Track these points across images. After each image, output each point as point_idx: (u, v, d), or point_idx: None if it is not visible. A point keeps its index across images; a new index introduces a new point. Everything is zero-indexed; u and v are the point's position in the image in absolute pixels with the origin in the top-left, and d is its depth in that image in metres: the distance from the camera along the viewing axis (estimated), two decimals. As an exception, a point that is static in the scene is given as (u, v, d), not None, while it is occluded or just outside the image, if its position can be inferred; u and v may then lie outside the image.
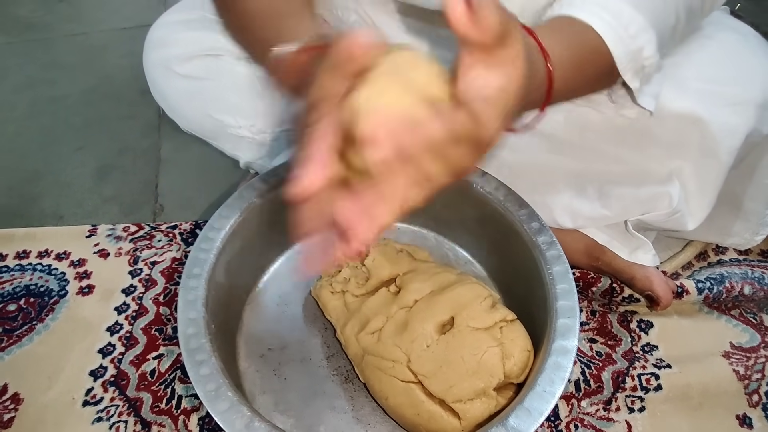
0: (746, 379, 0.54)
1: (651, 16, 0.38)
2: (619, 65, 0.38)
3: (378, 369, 0.46)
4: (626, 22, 0.37)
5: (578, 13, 0.37)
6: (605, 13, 0.37)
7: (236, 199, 0.52)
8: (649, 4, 0.39)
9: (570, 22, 0.37)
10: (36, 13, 1.28)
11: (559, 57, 0.35)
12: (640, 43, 0.38)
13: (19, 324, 0.60)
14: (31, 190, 0.80)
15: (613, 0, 0.37)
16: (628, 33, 0.37)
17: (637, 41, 0.38)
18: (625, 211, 0.54)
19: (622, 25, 0.37)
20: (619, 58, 0.38)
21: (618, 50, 0.37)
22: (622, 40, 0.37)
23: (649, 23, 0.38)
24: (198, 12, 0.56)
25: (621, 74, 0.39)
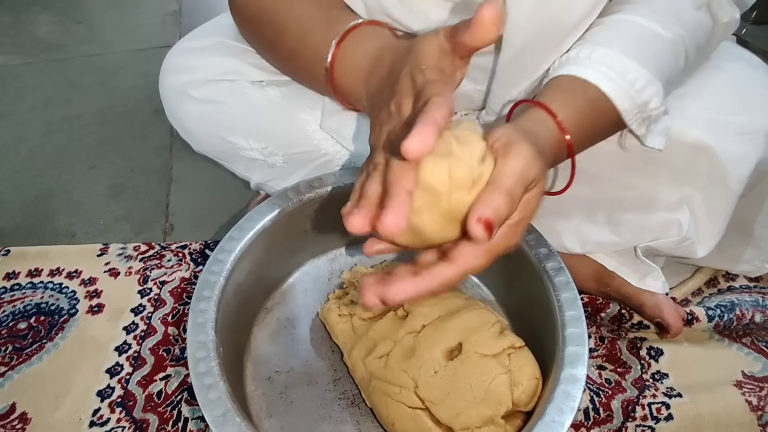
0: (759, 410, 0.53)
1: (656, 68, 0.39)
2: (626, 119, 0.40)
3: (385, 394, 0.46)
4: (632, 79, 0.38)
5: (584, 73, 0.39)
6: (611, 72, 0.38)
7: (247, 221, 0.53)
8: (654, 56, 0.40)
9: (577, 82, 0.39)
10: (53, 34, 1.32)
11: (575, 124, 0.37)
12: (647, 96, 0.39)
13: (29, 342, 0.61)
14: (45, 209, 0.82)
15: (618, 57, 0.38)
16: (634, 89, 0.38)
17: (643, 95, 0.39)
18: (634, 238, 0.54)
19: (628, 82, 0.38)
20: (626, 112, 0.39)
21: (625, 106, 0.39)
22: (629, 96, 0.38)
23: (655, 75, 0.39)
24: (214, 38, 0.57)
25: (627, 125, 0.41)
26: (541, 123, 0.37)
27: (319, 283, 0.60)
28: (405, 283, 0.30)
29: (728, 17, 0.45)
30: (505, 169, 0.30)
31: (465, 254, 0.31)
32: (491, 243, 0.31)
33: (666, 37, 0.41)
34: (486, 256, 0.31)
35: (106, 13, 1.44)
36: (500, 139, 0.31)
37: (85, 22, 1.39)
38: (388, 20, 0.48)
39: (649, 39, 0.40)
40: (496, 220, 0.28)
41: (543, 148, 0.34)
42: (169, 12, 1.40)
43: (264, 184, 0.63)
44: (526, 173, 0.30)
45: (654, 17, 0.41)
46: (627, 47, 0.39)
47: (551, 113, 0.37)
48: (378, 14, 0.48)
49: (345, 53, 0.42)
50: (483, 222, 0.28)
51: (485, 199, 0.29)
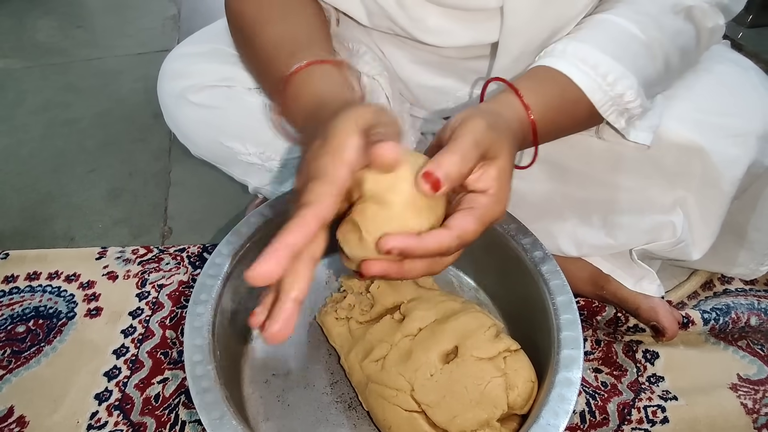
0: (755, 413, 0.54)
1: (631, 65, 0.41)
2: (600, 110, 0.42)
3: (381, 397, 0.46)
4: (604, 72, 0.40)
5: (558, 65, 0.41)
6: (583, 65, 0.41)
7: (244, 225, 0.53)
8: (629, 54, 0.42)
9: (551, 72, 0.41)
10: (54, 38, 1.33)
11: (542, 106, 0.40)
12: (620, 89, 0.41)
13: (27, 346, 0.61)
14: (44, 212, 0.82)
15: (592, 52, 0.41)
16: (606, 81, 0.40)
17: (616, 88, 0.41)
18: (629, 240, 0.54)
19: (600, 75, 0.40)
20: (599, 103, 0.41)
21: (596, 97, 0.41)
22: (600, 87, 0.40)
23: (630, 71, 0.41)
24: (211, 45, 0.58)
25: (604, 117, 0.42)
26: (507, 103, 0.40)
27: (316, 287, 0.61)
28: (401, 235, 0.31)
29: (712, 23, 0.46)
30: (458, 136, 0.33)
31: (458, 220, 0.33)
32: (481, 211, 0.33)
33: (641, 38, 0.42)
34: (477, 222, 0.33)
35: (106, 17, 1.45)
36: (458, 118, 0.35)
37: (85, 26, 1.39)
38: (390, 25, 0.49)
39: (625, 38, 0.42)
40: (444, 178, 0.31)
41: (506, 124, 0.37)
42: (168, 16, 1.41)
43: (261, 188, 0.64)
44: (478, 140, 0.33)
45: (632, 18, 0.43)
46: (602, 43, 0.41)
47: (517, 92, 0.39)
48: (379, 19, 0.49)
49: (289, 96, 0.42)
50: (430, 178, 0.31)
51: (435, 159, 0.32)
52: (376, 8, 0.47)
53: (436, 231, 0.32)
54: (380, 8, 0.47)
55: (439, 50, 0.52)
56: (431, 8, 0.46)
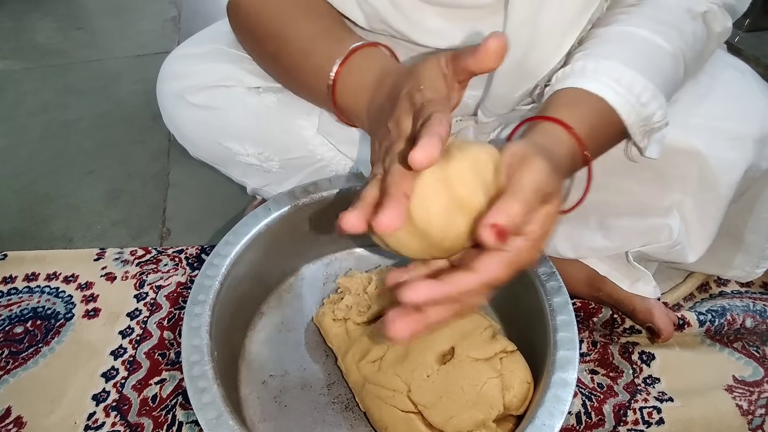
0: (750, 414, 0.54)
1: (660, 81, 0.40)
2: (631, 131, 0.40)
3: (378, 398, 0.46)
4: (638, 92, 0.39)
5: (592, 86, 0.39)
6: (618, 86, 0.38)
7: (242, 226, 0.53)
8: (658, 69, 0.40)
9: (584, 95, 0.39)
10: (53, 39, 1.33)
11: (585, 135, 0.37)
12: (652, 110, 0.39)
13: (25, 346, 0.61)
14: (42, 213, 0.82)
15: (624, 71, 0.39)
16: (640, 102, 0.39)
17: (648, 108, 0.39)
18: (626, 243, 0.54)
19: (635, 95, 0.39)
20: (632, 125, 0.40)
21: (631, 119, 0.39)
22: (635, 109, 0.39)
23: (660, 89, 0.39)
24: (210, 45, 0.58)
25: (632, 137, 0.41)
26: (555, 137, 0.37)
27: (314, 288, 0.61)
28: (423, 284, 0.29)
29: (721, 27, 0.46)
30: (521, 180, 0.30)
31: (486, 264, 0.29)
32: (513, 256, 0.30)
33: (667, 49, 0.41)
34: (508, 268, 0.30)
35: (106, 19, 1.46)
36: (515, 155, 0.31)
37: (85, 28, 1.40)
38: (385, 28, 0.49)
39: (652, 52, 0.41)
40: (509, 227, 0.28)
41: (558, 162, 0.34)
42: (168, 18, 1.41)
43: (260, 189, 0.64)
44: (542, 186, 0.30)
45: (656, 29, 0.41)
46: (632, 60, 0.39)
47: (565, 126, 0.37)
48: (376, 22, 0.49)
49: (348, 74, 0.43)
50: (495, 229, 0.28)
51: (500, 205, 0.29)
52: (373, 11, 0.48)
53: (459, 276, 0.29)
54: (376, 11, 0.47)
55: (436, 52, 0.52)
56: (427, 9, 0.46)
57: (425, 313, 0.29)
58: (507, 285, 0.31)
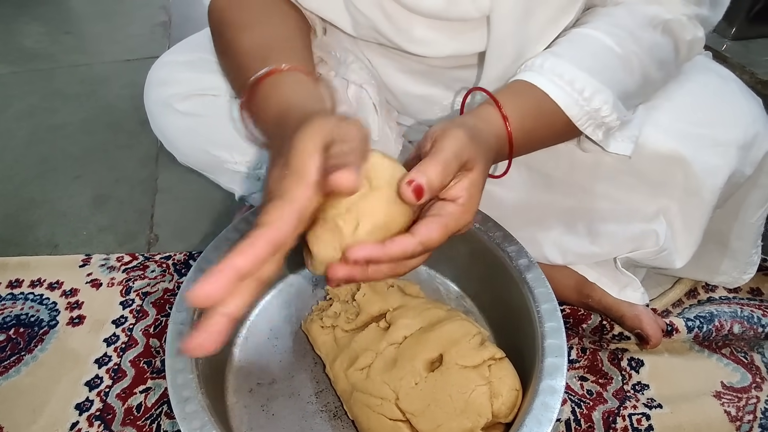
0: (738, 421, 0.54)
1: (608, 79, 0.42)
2: (577, 123, 0.42)
3: (366, 406, 0.46)
4: (580, 87, 0.41)
5: (536, 80, 0.42)
6: (560, 80, 0.42)
7: (230, 232, 0.53)
8: (606, 68, 0.43)
9: (528, 87, 0.42)
10: (41, 43, 1.32)
11: (519, 118, 0.41)
12: (596, 104, 0.42)
13: (7, 355, 0.60)
14: (27, 219, 0.81)
15: (568, 68, 0.42)
16: (582, 96, 0.41)
17: (592, 103, 0.42)
18: (613, 248, 0.55)
19: (576, 90, 0.41)
20: (575, 117, 0.42)
21: (573, 111, 0.42)
22: (577, 102, 0.41)
23: (606, 85, 0.42)
24: (198, 53, 0.58)
25: (581, 130, 0.43)
26: (486, 115, 0.41)
27: (302, 295, 0.60)
28: (368, 245, 0.32)
29: (691, 35, 0.47)
30: (440, 146, 0.34)
31: (423, 227, 0.34)
32: (446, 220, 0.34)
33: (618, 52, 0.43)
34: (442, 231, 0.34)
35: (95, 23, 1.45)
36: (438, 128, 0.36)
37: (74, 32, 1.39)
38: (375, 36, 0.49)
39: (603, 53, 0.43)
40: (426, 186, 0.32)
41: (483, 137, 0.38)
42: (158, 23, 1.41)
43: (248, 195, 0.63)
44: (459, 151, 0.34)
45: (609, 32, 0.44)
46: (579, 58, 0.42)
47: (497, 103, 0.41)
48: (366, 30, 0.49)
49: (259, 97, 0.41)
50: (412, 185, 0.32)
51: (419, 167, 0.33)
52: (362, 19, 0.48)
53: (400, 238, 0.33)
54: (366, 19, 0.47)
55: (426, 60, 0.52)
56: (416, 19, 0.47)
57: (365, 267, 0.33)
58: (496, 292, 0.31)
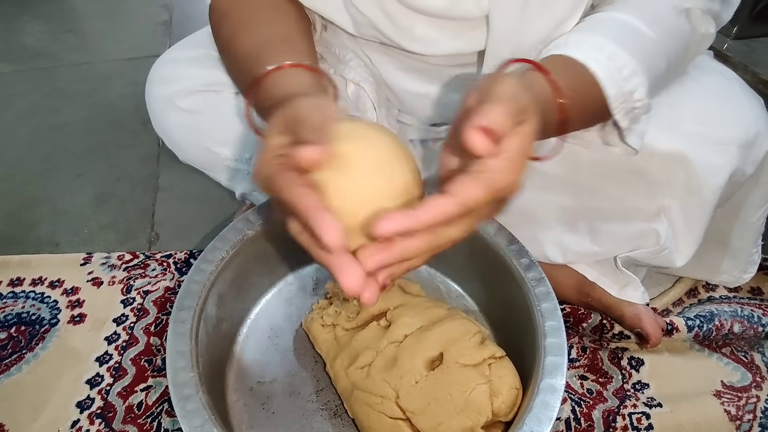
0: (738, 420, 0.54)
1: (643, 62, 0.39)
2: (612, 104, 0.39)
3: (366, 405, 0.46)
4: (620, 65, 0.38)
5: (576, 54, 0.39)
6: (601, 55, 0.38)
7: (230, 231, 0.53)
8: (641, 51, 0.40)
9: (569, 61, 0.39)
10: (43, 42, 1.32)
11: (565, 91, 0.36)
12: (632, 86, 0.39)
13: (8, 353, 0.60)
14: (29, 217, 0.81)
15: (608, 43, 0.39)
16: (621, 75, 0.38)
17: (629, 83, 0.39)
18: (614, 248, 0.55)
19: (616, 67, 0.38)
20: (612, 98, 0.39)
21: (611, 91, 0.39)
22: (615, 81, 0.38)
23: (642, 68, 0.39)
24: (200, 50, 0.58)
25: (612, 113, 0.40)
26: (534, 80, 0.36)
27: (303, 294, 0.60)
28: (399, 215, 0.27)
29: (704, 29, 0.46)
30: (497, 91, 0.29)
31: (462, 185, 0.27)
32: (490, 176, 0.28)
33: (650, 35, 0.41)
34: (485, 189, 0.28)
35: (97, 22, 1.45)
36: (487, 79, 0.31)
37: (76, 30, 1.39)
38: (376, 35, 0.49)
39: (635, 34, 0.41)
40: (498, 129, 0.27)
41: (536, 92, 0.34)
42: (159, 21, 1.41)
43: (248, 194, 0.63)
44: (516, 97, 0.29)
45: (639, 16, 0.41)
46: (615, 37, 0.39)
47: (544, 71, 0.36)
48: (366, 29, 0.49)
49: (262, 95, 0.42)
50: (485, 131, 0.26)
51: (482, 111, 0.27)
52: (362, 18, 0.48)
53: (432, 200, 0.27)
54: (366, 18, 0.47)
55: (426, 58, 0.52)
56: (417, 18, 0.47)
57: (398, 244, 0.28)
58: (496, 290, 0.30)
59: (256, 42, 0.44)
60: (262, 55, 0.42)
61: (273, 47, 0.43)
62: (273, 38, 0.45)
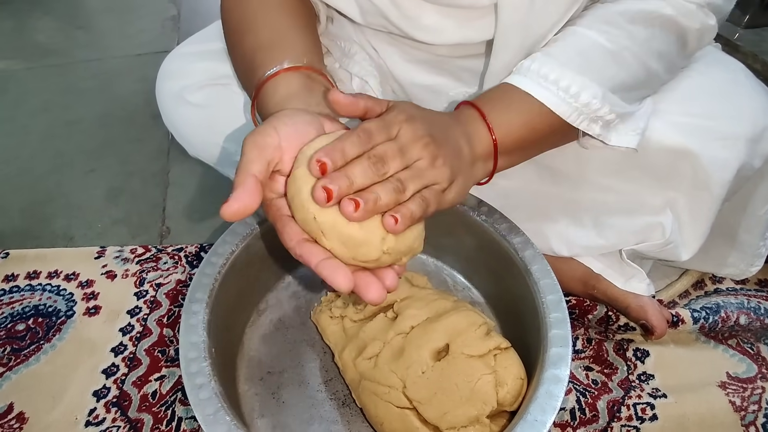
0: (743, 411, 0.54)
1: (596, 74, 0.43)
2: (569, 120, 0.43)
3: (374, 394, 0.47)
4: (566, 85, 0.42)
5: (522, 83, 0.43)
6: (545, 81, 0.42)
7: (240, 224, 0.54)
8: (595, 65, 0.43)
9: (516, 91, 0.43)
10: (54, 39, 1.34)
11: (507, 123, 0.42)
12: (584, 99, 0.42)
13: (27, 344, 0.62)
14: (44, 212, 0.83)
15: (553, 68, 0.43)
16: (569, 94, 0.42)
17: (580, 98, 0.42)
18: (619, 241, 0.55)
19: (562, 89, 0.42)
20: (565, 114, 0.43)
21: (561, 109, 0.42)
22: (564, 101, 0.42)
23: (594, 81, 0.42)
24: (211, 44, 0.58)
25: (576, 126, 0.43)
26: (466, 120, 0.42)
27: (311, 286, 0.61)
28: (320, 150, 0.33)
29: (700, 24, 0.46)
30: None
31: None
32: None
33: (608, 48, 0.44)
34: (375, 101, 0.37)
35: (106, 18, 1.46)
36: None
37: (86, 27, 1.40)
38: (384, 23, 0.49)
39: (592, 49, 0.44)
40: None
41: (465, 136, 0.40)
42: (168, 17, 1.42)
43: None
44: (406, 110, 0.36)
45: (601, 29, 0.44)
46: (566, 57, 0.43)
47: (481, 113, 0.42)
48: (374, 17, 0.49)
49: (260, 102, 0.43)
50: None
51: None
52: (370, 6, 0.48)
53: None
54: (374, 6, 0.48)
55: (433, 48, 0.52)
56: (425, 6, 0.47)
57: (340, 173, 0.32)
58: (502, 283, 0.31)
59: (256, 45, 0.45)
60: (259, 60, 0.44)
61: (271, 50, 0.44)
62: (272, 40, 0.46)
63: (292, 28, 0.47)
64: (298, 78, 0.42)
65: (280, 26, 0.47)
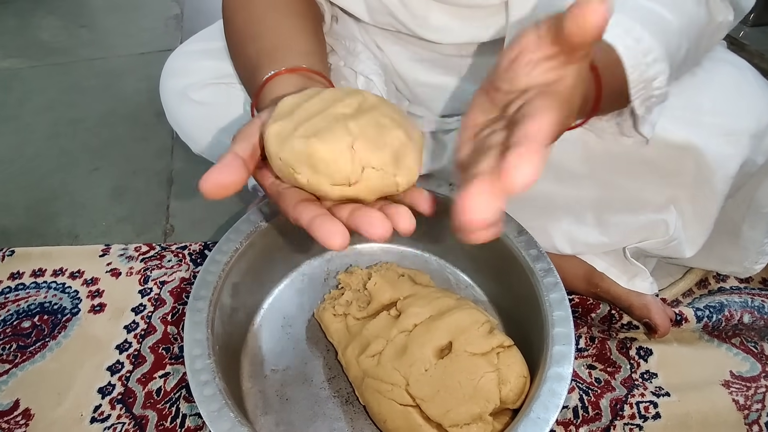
0: (746, 410, 0.54)
1: (666, 49, 0.38)
2: (631, 90, 0.38)
3: (377, 392, 0.47)
4: (645, 49, 0.37)
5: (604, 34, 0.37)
6: (627, 37, 0.37)
7: (244, 222, 0.54)
8: (665, 37, 0.39)
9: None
10: (58, 38, 1.34)
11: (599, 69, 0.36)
12: (654, 72, 0.38)
13: (32, 341, 0.62)
14: (48, 210, 0.83)
15: (636, 26, 0.37)
16: (645, 60, 0.37)
17: (651, 69, 0.38)
18: (623, 238, 0.55)
19: (642, 52, 0.37)
20: (633, 83, 0.38)
21: (633, 75, 0.37)
22: (639, 66, 0.37)
23: (665, 55, 0.38)
24: (214, 42, 0.58)
25: (631, 99, 0.39)
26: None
27: (314, 284, 0.62)
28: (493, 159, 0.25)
29: (722, 17, 0.45)
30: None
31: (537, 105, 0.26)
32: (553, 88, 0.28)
33: (671, 21, 0.40)
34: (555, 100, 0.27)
35: (110, 16, 1.46)
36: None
37: (89, 25, 1.41)
38: (391, 22, 0.49)
39: (659, 19, 0.39)
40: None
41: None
42: (171, 16, 1.42)
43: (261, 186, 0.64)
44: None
45: (661, 2, 0.40)
46: (643, 19, 0.38)
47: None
48: (381, 16, 0.49)
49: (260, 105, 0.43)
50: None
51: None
52: (378, 5, 0.48)
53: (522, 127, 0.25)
54: (382, 5, 0.48)
55: (439, 47, 0.52)
56: (434, 5, 0.47)
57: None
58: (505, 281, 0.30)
59: (261, 51, 0.45)
60: (262, 64, 0.44)
61: (274, 53, 0.44)
62: (275, 45, 0.46)
63: (296, 31, 0.47)
64: (296, 79, 0.42)
65: (284, 30, 0.47)
